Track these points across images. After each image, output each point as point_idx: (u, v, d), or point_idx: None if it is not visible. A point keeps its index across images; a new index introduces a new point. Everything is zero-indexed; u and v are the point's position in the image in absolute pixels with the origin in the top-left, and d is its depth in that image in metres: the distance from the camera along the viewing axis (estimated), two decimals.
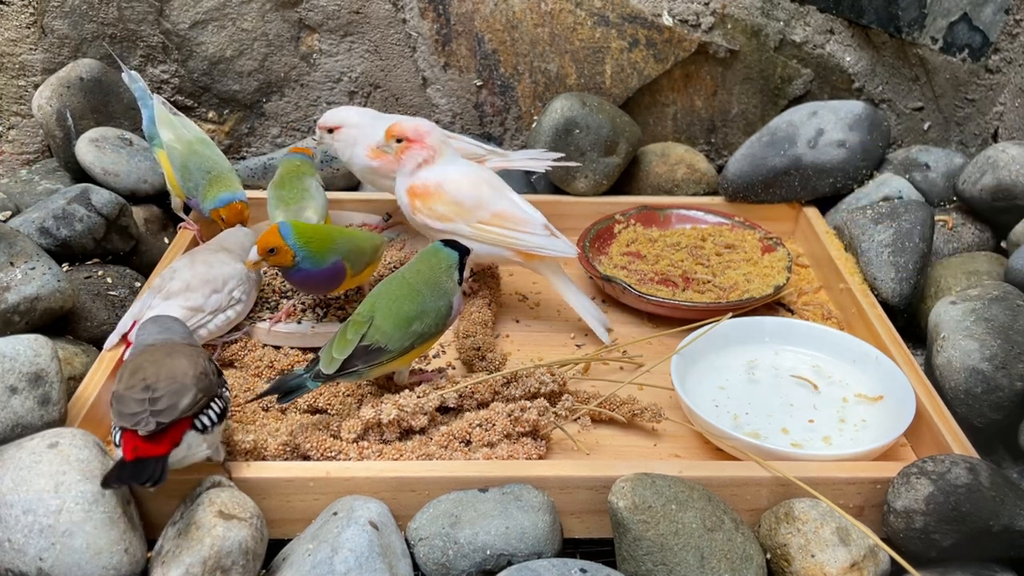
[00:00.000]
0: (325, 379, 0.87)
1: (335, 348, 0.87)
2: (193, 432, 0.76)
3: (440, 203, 1.06)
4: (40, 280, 0.94)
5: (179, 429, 0.75)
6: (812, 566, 0.76)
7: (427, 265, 0.94)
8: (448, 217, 1.06)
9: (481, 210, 1.06)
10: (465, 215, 1.06)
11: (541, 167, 1.24)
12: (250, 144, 1.45)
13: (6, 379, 0.78)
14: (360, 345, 0.87)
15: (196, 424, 0.76)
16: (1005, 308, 0.96)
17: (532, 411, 0.89)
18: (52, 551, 0.71)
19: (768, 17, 1.36)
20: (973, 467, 0.77)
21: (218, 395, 0.80)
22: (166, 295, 0.98)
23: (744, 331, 1.04)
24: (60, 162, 1.31)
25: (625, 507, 0.76)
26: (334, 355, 0.87)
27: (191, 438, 0.76)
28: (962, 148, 1.43)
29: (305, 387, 0.87)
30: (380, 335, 0.88)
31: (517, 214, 1.08)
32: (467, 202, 1.06)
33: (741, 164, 1.30)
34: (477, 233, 1.06)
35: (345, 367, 0.87)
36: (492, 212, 1.07)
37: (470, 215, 1.06)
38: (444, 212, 1.06)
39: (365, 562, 0.72)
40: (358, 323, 0.89)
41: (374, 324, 0.88)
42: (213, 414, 0.78)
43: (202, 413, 0.77)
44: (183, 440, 0.75)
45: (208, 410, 0.78)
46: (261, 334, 1.05)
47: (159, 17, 1.35)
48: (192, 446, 0.76)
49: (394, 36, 1.38)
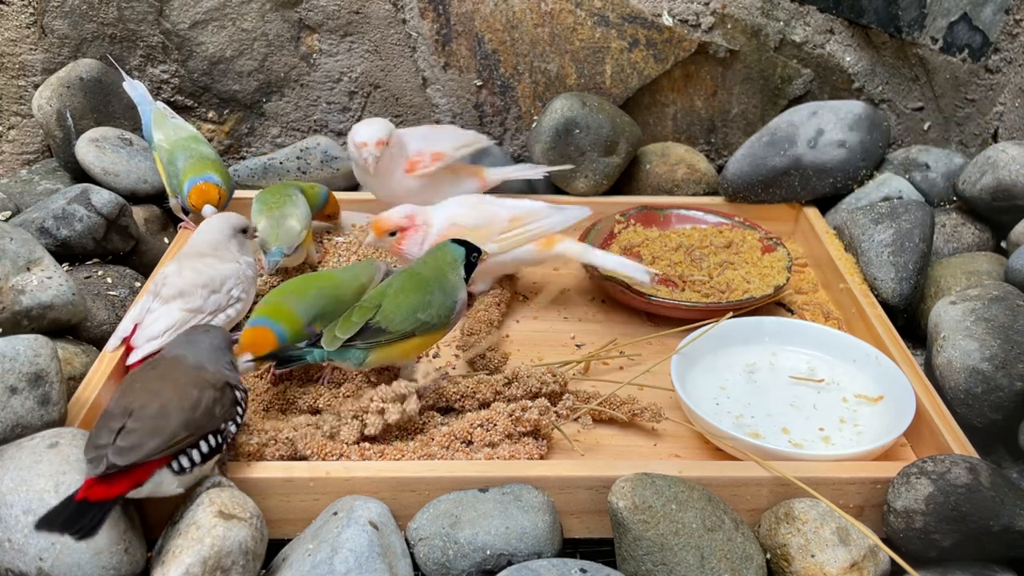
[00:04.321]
0: (326, 355, 0.89)
1: (339, 328, 0.90)
2: (167, 472, 0.72)
3: (460, 235, 1.07)
4: (56, 290, 0.94)
5: (146, 469, 0.71)
6: (812, 566, 0.76)
7: (435, 260, 0.96)
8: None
9: (498, 222, 1.09)
10: (489, 234, 1.08)
11: (539, 174, 1.27)
12: (250, 144, 1.45)
13: (6, 379, 0.78)
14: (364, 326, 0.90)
15: (173, 465, 0.72)
16: (1005, 308, 0.96)
17: (533, 411, 0.89)
18: (52, 551, 0.71)
19: (768, 17, 1.36)
20: (973, 467, 0.77)
21: (218, 430, 0.76)
22: (163, 300, 0.97)
23: (744, 331, 1.04)
24: (60, 162, 1.31)
25: (625, 507, 0.76)
26: (337, 334, 0.89)
27: (163, 477, 0.72)
28: (962, 148, 1.43)
29: (304, 359, 0.89)
30: (383, 318, 0.90)
31: (525, 209, 1.11)
32: (482, 223, 1.09)
33: (741, 164, 1.30)
34: (504, 245, 1.09)
35: (346, 345, 0.89)
36: (508, 219, 1.10)
37: (491, 231, 1.09)
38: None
39: (365, 562, 0.72)
40: (365, 308, 0.91)
41: (381, 310, 0.90)
42: (199, 454, 0.74)
43: (184, 453, 0.73)
44: (149, 480, 0.71)
45: (194, 449, 0.74)
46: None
47: (159, 17, 1.35)
48: (163, 484, 0.73)
49: (394, 36, 1.38)
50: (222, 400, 0.78)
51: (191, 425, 0.74)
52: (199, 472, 0.75)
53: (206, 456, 0.75)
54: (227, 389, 0.80)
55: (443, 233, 1.07)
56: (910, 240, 1.12)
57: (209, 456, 0.75)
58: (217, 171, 1.16)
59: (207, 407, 0.76)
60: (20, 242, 0.95)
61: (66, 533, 0.67)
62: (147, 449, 0.71)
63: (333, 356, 0.90)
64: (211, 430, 0.76)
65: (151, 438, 0.71)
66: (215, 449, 0.76)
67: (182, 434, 0.73)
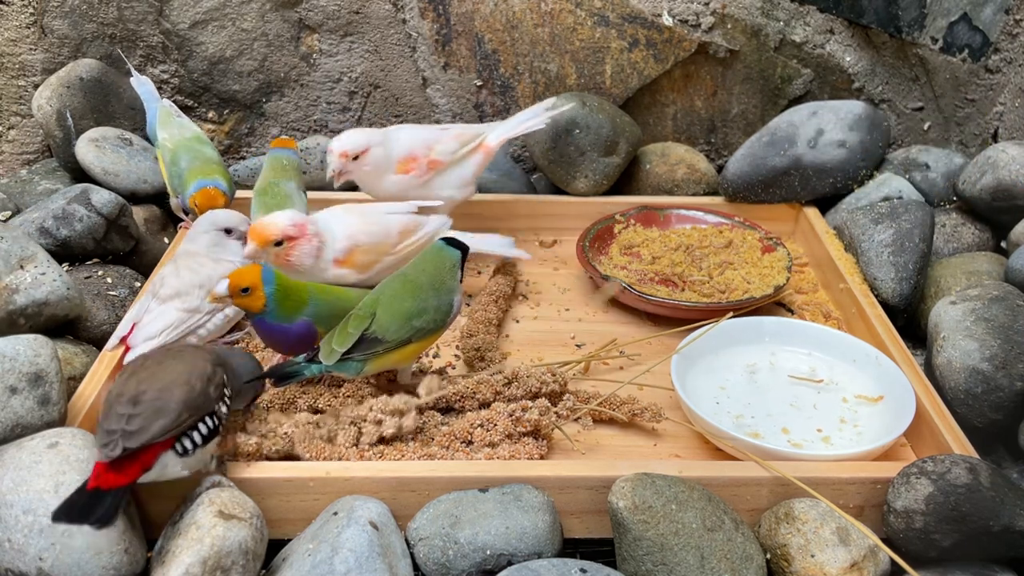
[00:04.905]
0: (323, 368, 0.88)
1: (336, 340, 0.88)
2: (171, 454, 0.73)
3: (364, 254, 1.05)
4: (50, 286, 0.94)
5: (151, 453, 0.72)
6: (812, 566, 0.76)
7: (432, 265, 0.94)
8: (375, 261, 1.06)
9: (391, 234, 1.07)
10: (385, 248, 1.07)
11: (541, 123, 1.22)
12: (250, 144, 1.45)
13: (6, 379, 0.78)
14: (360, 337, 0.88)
15: (176, 447, 0.73)
16: (1005, 308, 0.96)
17: (534, 411, 0.89)
18: (52, 551, 0.71)
19: (768, 17, 1.36)
20: (973, 467, 0.77)
21: (213, 411, 0.77)
22: (161, 300, 0.97)
23: (744, 331, 1.04)
24: (60, 162, 1.31)
25: (625, 507, 0.76)
26: (334, 347, 0.88)
27: (168, 460, 0.73)
28: (962, 148, 1.43)
29: (302, 374, 0.88)
30: (378, 327, 0.89)
31: (409, 221, 1.09)
32: (381, 239, 1.06)
33: (741, 164, 1.30)
34: (398, 258, 1.07)
35: (343, 357, 0.88)
36: (399, 231, 1.08)
37: (387, 245, 1.07)
38: (371, 259, 1.06)
39: (365, 562, 0.72)
40: (360, 317, 0.90)
41: (376, 320, 0.89)
42: (199, 435, 0.74)
43: (186, 435, 0.73)
44: (156, 464, 0.72)
45: (194, 431, 0.74)
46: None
47: (159, 17, 1.35)
48: (168, 467, 0.73)
49: (394, 36, 1.38)
50: (215, 379, 0.78)
51: (190, 405, 0.74)
52: (201, 455, 0.76)
53: (206, 437, 0.75)
54: (220, 368, 0.80)
55: (343, 250, 1.03)
56: (910, 240, 1.12)
57: (208, 438, 0.76)
58: (223, 175, 1.16)
59: (204, 386, 0.76)
60: (11, 240, 0.95)
61: (84, 523, 0.67)
62: (154, 430, 0.71)
63: (331, 369, 0.89)
64: (208, 411, 0.76)
65: (156, 420, 0.72)
66: (213, 431, 0.76)
67: (184, 415, 0.73)
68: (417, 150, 1.17)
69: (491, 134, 1.21)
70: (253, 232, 0.98)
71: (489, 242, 1.16)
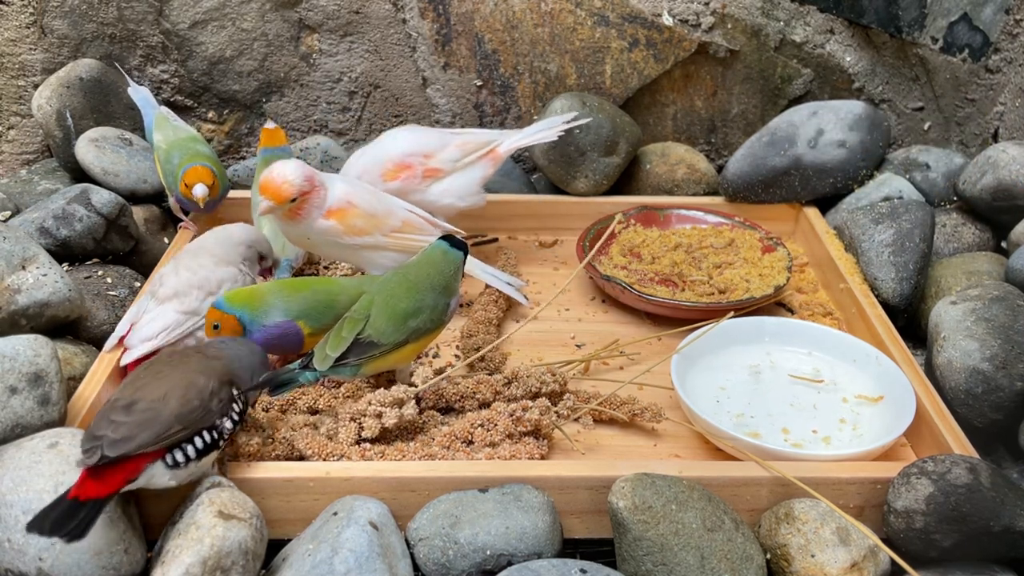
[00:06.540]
0: (318, 375, 0.87)
1: (330, 345, 0.88)
2: (160, 466, 0.72)
3: (356, 217, 1.04)
4: (52, 287, 0.94)
5: (136, 463, 0.70)
6: (812, 566, 0.75)
7: (434, 266, 0.93)
8: (365, 230, 1.04)
9: (392, 218, 1.06)
10: (380, 225, 1.05)
11: (554, 135, 1.21)
12: (250, 144, 1.45)
13: (6, 379, 0.78)
14: (354, 340, 0.88)
15: (167, 459, 0.72)
16: (1005, 308, 0.96)
17: (534, 411, 0.89)
18: (52, 551, 0.71)
19: (768, 17, 1.36)
20: (973, 467, 0.77)
21: (212, 426, 0.75)
22: (160, 300, 0.97)
23: (744, 331, 1.04)
24: (60, 162, 1.31)
25: (625, 507, 0.76)
26: (328, 352, 0.87)
27: (155, 471, 0.72)
28: (962, 148, 1.43)
29: (297, 381, 0.87)
30: (373, 330, 0.88)
31: (418, 220, 1.08)
32: (379, 212, 1.05)
33: (741, 164, 1.30)
34: (391, 242, 1.06)
35: (338, 363, 0.87)
36: (403, 220, 1.07)
37: (384, 224, 1.05)
38: (362, 226, 1.04)
39: (365, 562, 0.72)
40: (354, 320, 0.89)
41: (370, 322, 0.88)
42: (193, 449, 0.73)
43: (179, 447, 0.72)
44: (141, 475, 0.71)
45: (188, 444, 0.73)
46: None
47: (159, 17, 1.35)
48: (155, 477, 0.72)
49: (394, 36, 1.38)
50: (219, 394, 0.77)
51: (184, 419, 0.73)
52: (194, 468, 0.74)
53: (201, 452, 0.74)
54: (227, 386, 0.79)
55: (339, 202, 1.01)
56: (910, 240, 1.12)
57: (205, 452, 0.75)
58: (214, 165, 1.16)
59: (203, 401, 0.75)
60: (13, 240, 0.95)
61: (55, 536, 0.66)
62: (138, 441, 0.70)
63: (326, 374, 0.88)
64: (207, 426, 0.75)
65: (143, 430, 0.71)
66: (211, 445, 0.75)
67: (176, 427, 0.72)
68: (412, 157, 1.15)
69: (504, 142, 1.20)
70: (268, 190, 0.97)
71: (497, 277, 1.12)
